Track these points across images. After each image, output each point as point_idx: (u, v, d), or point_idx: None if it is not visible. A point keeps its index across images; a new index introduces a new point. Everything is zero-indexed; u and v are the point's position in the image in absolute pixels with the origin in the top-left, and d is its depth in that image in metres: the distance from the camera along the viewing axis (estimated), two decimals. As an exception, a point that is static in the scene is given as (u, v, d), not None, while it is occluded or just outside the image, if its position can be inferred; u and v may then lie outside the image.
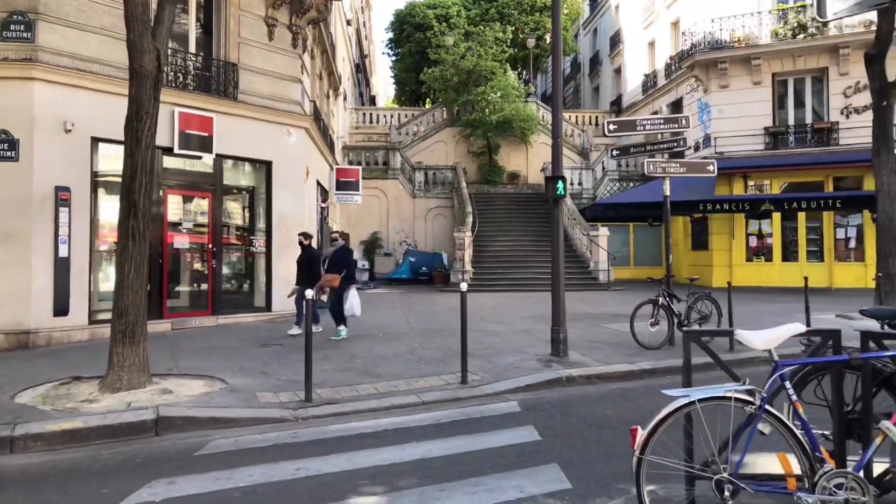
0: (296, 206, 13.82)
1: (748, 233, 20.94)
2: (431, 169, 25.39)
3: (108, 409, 6.34)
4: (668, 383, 8.39)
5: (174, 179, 12.02)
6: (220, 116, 12.39)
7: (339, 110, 24.06)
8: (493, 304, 15.45)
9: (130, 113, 7.10)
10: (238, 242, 13.25)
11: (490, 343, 10.20)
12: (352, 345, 10.17)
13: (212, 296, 12.40)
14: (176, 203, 12.22)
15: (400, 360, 8.98)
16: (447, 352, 9.54)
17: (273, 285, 13.35)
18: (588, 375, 8.13)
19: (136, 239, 7.06)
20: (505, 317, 13.31)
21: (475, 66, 25.19)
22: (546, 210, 24.11)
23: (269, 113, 13.27)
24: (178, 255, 12.17)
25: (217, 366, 8.60)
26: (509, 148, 27.61)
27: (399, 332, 11.32)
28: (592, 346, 9.89)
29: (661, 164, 9.87)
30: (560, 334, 9.05)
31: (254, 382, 7.68)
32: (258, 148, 13.17)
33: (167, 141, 11.59)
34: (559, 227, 9.20)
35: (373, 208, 24.43)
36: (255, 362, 8.90)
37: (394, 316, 13.52)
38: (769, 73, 20.70)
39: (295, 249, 13.44)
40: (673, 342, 9.82)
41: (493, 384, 7.68)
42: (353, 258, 11.45)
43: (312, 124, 14.60)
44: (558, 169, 9.19)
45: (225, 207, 12.86)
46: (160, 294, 11.61)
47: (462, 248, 19.63)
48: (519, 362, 8.77)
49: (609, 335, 10.95)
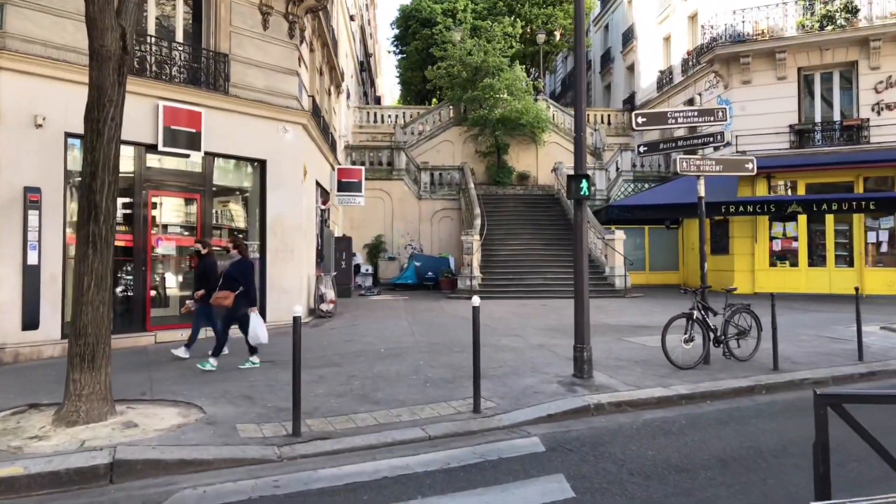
0: (292, 208, 12.85)
1: (772, 236, 19.83)
2: (438, 169, 24.40)
3: (57, 450, 5.35)
4: (710, 413, 7.43)
5: (158, 179, 11.06)
6: (210, 111, 11.43)
7: (342, 108, 23.10)
8: (504, 314, 14.43)
9: (91, 101, 6.13)
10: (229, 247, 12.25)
11: (504, 361, 9.18)
12: (351, 363, 9.16)
13: (200, 306, 11.40)
14: (161, 205, 11.26)
15: (403, 382, 7.98)
16: (457, 371, 8.54)
17: (268, 293, 12.37)
18: (618, 402, 7.10)
19: (98, 247, 6.07)
20: (518, 328, 12.29)
21: (483, 61, 24.20)
22: (557, 212, 23.11)
23: (264, 108, 12.30)
24: (163, 261, 11.21)
25: (197, 388, 7.62)
26: (518, 148, 26.59)
27: (403, 347, 10.32)
28: (618, 365, 8.86)
29: (694, 162, 8.84)
30: (584, 353, 8.03)
31: (236, 411, 6.69)
32: (251, 145, 12.20)
33: (150, 137, 10.65)
34: (583, 232, 8.18)
35: (377, 210, 23.45)
36: (241, 383, 7.92)
37: (398, 327, 12.52)
38: (794, 67, 19.60)
39: (292, 254, 12.50)
40: (708, 360, 8.79)
41: (511, 413, 6.66)
42: (253, 274, 9.30)
43: (311, 120, 13.63)
44: (581, 166, 8.17)
45: (215, 210, 11.88)
46: (143, 304, 10.65)
47: (470, 252, 18.62)
48: (538, 385, 7.75)
49: (635, 351, 9.91)
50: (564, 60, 42.07)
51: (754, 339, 9.19)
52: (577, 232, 8.18)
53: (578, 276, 8.18)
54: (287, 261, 12.66)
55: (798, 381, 8.16)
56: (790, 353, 9.36)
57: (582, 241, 8.18)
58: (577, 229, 8.18)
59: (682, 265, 23.91)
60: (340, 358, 9.51)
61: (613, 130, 28.78)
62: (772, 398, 7.58)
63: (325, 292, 13.88)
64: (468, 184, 22.72)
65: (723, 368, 8.65)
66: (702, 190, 8.87)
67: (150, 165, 10.93)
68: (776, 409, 7.02)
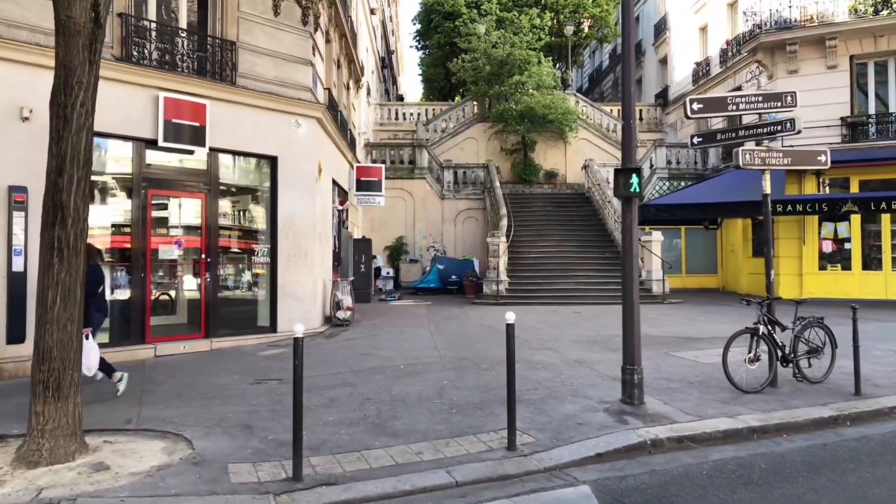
0: (306, 208, 11.90)
1: (821, 237, 18.42)
2: (461, 167, 23.34)
3: (7, 501, 4.42)
4: (792, 452, 5.84)
5: (159, 178, 10.17)
6: (215, 104, 10.52)
7: (362, 105, 22.18)
8: (534, 322, 13.33)
9: (57, 83, 5.21)
10: (237, 251, 11.37)
11: (539, 381, 8.10)
12: (367, 382, 8.16)
13: (205, 315, 10.52)
14: (162, 205, 10.39)
15: (425, 407, 6.96)
16: (486, 394, 7.49)
17: (278, 301, 11.44)
18: (679, 437, 5.99)
19: (65, 255, 5.14)
20: (551, 340, 11.19)
21: (508, 54, 23.09)
22: (588, 212, 21.90)
23: (274, 100, 11.37)
24: (164, 266, 10.34)
25: (192, 414, 6.69)
26: (546, 145, 25.42)
27: (425, 363, 9.29)
28: (671, 387, 7.73)
29: (759, 155, 7.67)
30: (634, 376, 6.93)
31: (230, 445, 5.72)
32: (261, 141, 11.28)
33: (150, 132, 9.77)
34: (633, 235, 7.08)
35: (397, 211, 22.48)
36: (242, 408, 6.96)
37: (419, 338, 11.49)
38: (846, 55, 18.17)
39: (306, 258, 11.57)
40: (776, 382, 7.63)
41: (552, 452, 5.60)
42: (96, 283, 7.45)
43: (326, 114, 12.68)
44: (631, 159, 7.07)
45: (221, 210, 10.97)
46: (142, 313, 9.77)
47: (496, 254, 17.54)
48: (581, 413, 6.66)
49: (687, 369, 8.76)
50: (592, 55, 40.73)
51: (828, 358, 7.99)
52: (627, 235, 7.08)
53: (627, 286, 7.08)
54: (300, 265, 11.72)
55: (887, 409, 6.97)
56: (867, 372, 8.14)
57: (631, 245, 7.08)
58: (627, 232, 7.08)
59: (720, 268, 22.57)
60: (355, 376, 8.51)
61: (645, 126, 27.47)
62: (860, 431, 6.40)
63: (343, 299, 12.92)
64: (493, 182, 21.64)
65: (794, 392, 7.48)
66: (767, 185, 7.70)
67: (151, 163, 10.05)
68: (872, 449, 5.85)
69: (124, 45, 9.55)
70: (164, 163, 10.28)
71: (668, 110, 27.50)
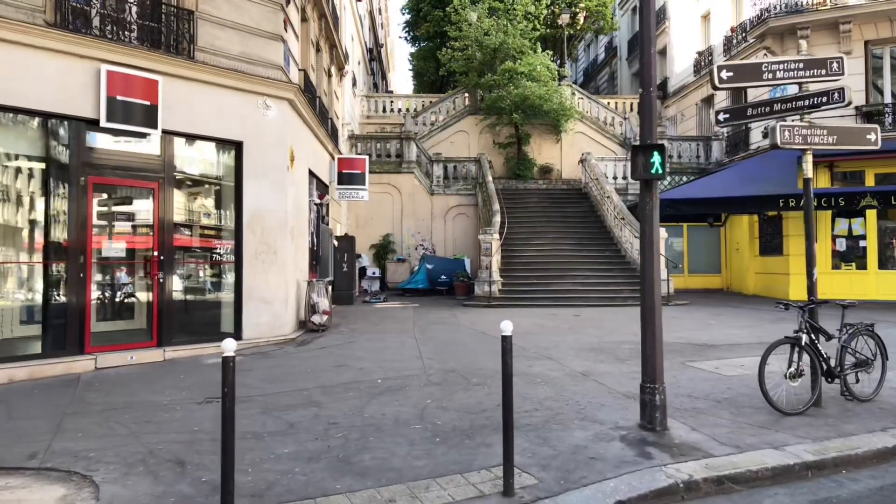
0: (276, 201, 10.63)
1: (835, 234, 17.30)
2: (452, 161, 22.10)
3: None
4: (862, 497, 4.50)
5: (102, 164, 8.87)
6: (170, 80, 9.26)
7: (346, 95, 20.90)
8: (531, 327, 12.11)
9: None
10: (196, 248, 10.09)
11: (539, 399, 6.87)
12: (336, 401, 6.91)
13: (157, 320, 9.23)
14: (105, 196, 9.11)
15: (403, 434, 5.72)
16: (477, 416, 6.26)
17: (244, 304, 10.18)
18: (718, 478, 4.77)
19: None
20: (550, 348, 9.97)
21: (501, 42, 21.87)
22: (586, 208, 20.71)
23: (240, 78, 10.11)
24: (108, 266, 9.05)
25: (115, 446, 5.43)
26: (540, 139, 24.21)
27: (407, 377, 8.03)
28: (696, 407, 6.52)
29: (799, 132, 6.49)
30: (656, 396, 5.72)
31: (149, 491, 4.48)
32: (224, 123, 10.01)
33: (90, 111, 8.50)
34: (654, 227, 5.88)
35: (384, 207, 21.22)
36: (180, 436, 5.70)
37: (403, 346, 10.24)
38: (861, 40, 17.06)
39: (276, 256, 10.33)
40: (820, 402, 6.43)
41: (560, 499, 4.38)
42: None
43: (300, 96, 11.41)
44: (651, 133, 5.86)
45: (177, 202, 9.69)
46: (81, 319, 8.46)
47: (489, 253, 16.31)
48: (593, 443, 5.44)
49: (710, 383, 7.55)
50: (587, 49, 39.64)
51: (877, 371, 6.82)
52: (647, 225, 5.86)
53: (648, 287, 5.88)
54: (269, 264, 10.46)
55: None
56: (919, 388, 6.98)
57: (652, 238, 5.88)
58: (647, 222, 5.87)
59: (724, 267, 21.44)
60: (323, 393, 7.25)
61: (644, 120, 26.28)
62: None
63: (318, 301, 11.65)
64: (486, 177, 20.40)
65: (843, 414, 6.29)
66: (809, 169, 6.53)
67: (93, 146, 8.76)
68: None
69: (59, 10, 8.25)
70: (110, 147, 8.98)
71: (668, 103, 26.38)
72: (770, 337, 10.96)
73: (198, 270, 10.15)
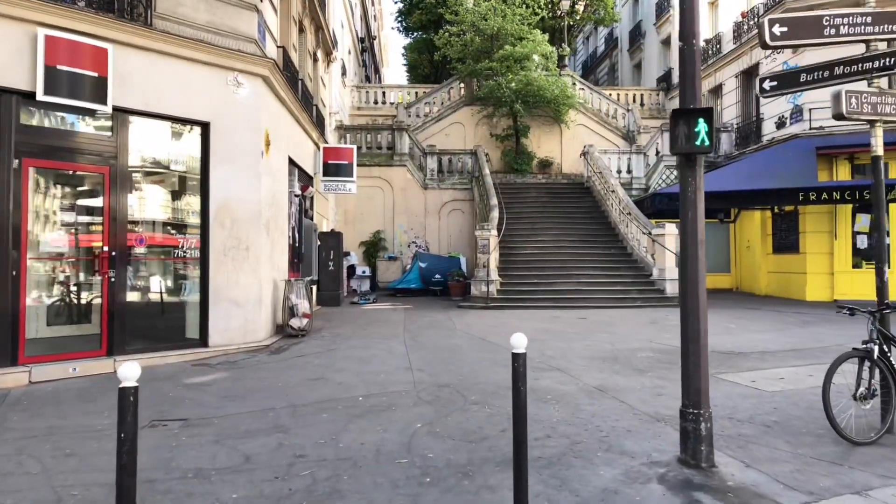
0: (248, 190, 9.43)
1: (855, 231, 16.21)
2: (447, 154, 20.91)
3: None
4: None
5: (42, 144, 7.66)
6: (123, 50, 8.06)
7: (334, 83, 19.68)
8: (534, 332, 10.95)
9: None
10: (155, 243, 8.87)
11: (552, 423, 5.70)
12: (306, 424, 5.72)
13: (107, 325, 8.02)
14: (45, 182, 7.89)
15: (384, 473, 4.55)
16: (476, 446, 5.10)
17: (210, 307, 8.98)
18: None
19: None
20: (558, 357, 8.81)
21: (500, 27, 20.71)
22: (589, 203, 19.58)
23: (206, 50, 8.91)
24: (47, 261, 7.83)
25: (15, 489, 4.30)
26: (539, 130, 23.08)
27: (393, 393, 6.85)
28: (743, 434, 5.38)
29: (869, 99, 5.33)
30: (701, 424, 4.57)
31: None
32: (187, 101, 8.82)
33: (25, 82, 7.30)
34: (696, 216, 4.72)
35: (375, 202, 20.03)
36: (104, 475, 4.52)
37: (391, 354, 9.06)
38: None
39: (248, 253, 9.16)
40: (893, 428, 5.28)
41: (593, 576, 3.21)
42: None
43: (277, 74, 10.22)
44: (694, 96, 4.69)
45: (133, 189, 8.49)
46: (13, 324, 7.25)
47: (486, 250, 15.15)
48: (625, 486, 4.28)
49: (751, 401, 6.40)
50: (586, 41, 38.55)
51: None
52: (690, 212, 4.69)
53: (692, 286, 4.71)
54: (240, 262, 9.26)
55: None
56: None
57: (696, 228, 4.71)
58: (689, 207, 4.69)
59: (734, 266, 20.37)
60: (292, 414, 6.06)
61: (647, 112, 25.22)
62: None
63: (298, 303, 10.45)
64: (483, 170, 19.22)
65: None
66: (879, 145, 5.36)
67: (28, 123, 7.55)
68: None
69: (-14, -37, 7.04)
70: (51, 125, 7.78)
71: (672, 94, 25.24)
72: (801, 342, 9.84)
73: (157, 268, 8.93)
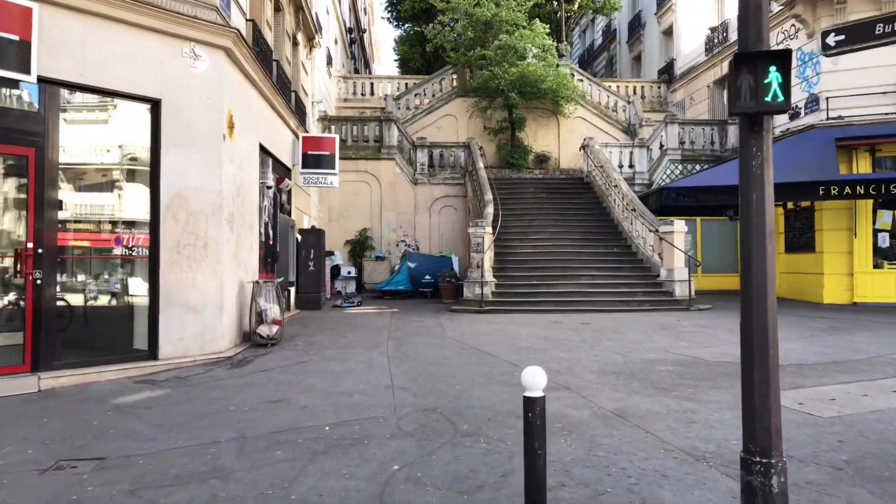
0: (207, 179, 8.20)
1: (876, 228, 15.11)
2: (438, 147, 19.70)
3: None
4: None
5: (-51, 119, 6.42)
6: (53, 11, 6.83)
7: (318, 71, 18.43)
8: (534, 340, 9.77)
9: None
10: (92, 240, 7.62)
11: (564, 463, 4.50)
12: (254, 465, 4.49)
13: (31, 336, 6.77)
14: (-46, 164, 6.66)
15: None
16: (469, 497, 3.96)
17: (160, 313, 7.74)
18: None
19: None
20: (563, 370, 7.61)
21: (494, 15, 19.53)
22: (589, 199, 18.41)
23: (156, 16, 7.67)
24: (-43, 261, 6.59)
25: None
26: (536, 123, 21.91)
27: (368, 420, 5.63)
28: (813, 481, 4.23)
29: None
30: (772, 478, 3.38)
31: None
32: (134, 74, 7.58)
33: (-76, 42, 6.03)
34: (764, 198, 3.55)
35: (361, 198, 18.80)
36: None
37: (370, 368, 7.83)
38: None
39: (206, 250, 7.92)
40: None
41: None
42: None
43: (243, 48, 8.99)
44: (759, 37, 3.51)
45: (66, 176, 7.24)
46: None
47: (480, 249, 13.96)
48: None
49: (808, 430, 5.23)
50: (583, 34, 37.45)
51: None
52: (755, 192, 3.52)
53: (756, 295, 3.53)
54: (197, 261, 8.03)
55: None
56: None
57: (763, 212, 3.54)
58: (755, 187, 3.53)
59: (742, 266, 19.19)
60: (239, 452, 4.82)
61: (648, 105, 24.12)
62: None
63: (267, 308, 9.22)
64: (476, 163, 18.01)
65: None
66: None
67: (-69, 94, 6.31)
68: None
69: None
70: (-40, 97, 6.54)
71: (674, 87, 24.15)
72: (839, 353, 8.60)
73: (98, 268, 7.69)
